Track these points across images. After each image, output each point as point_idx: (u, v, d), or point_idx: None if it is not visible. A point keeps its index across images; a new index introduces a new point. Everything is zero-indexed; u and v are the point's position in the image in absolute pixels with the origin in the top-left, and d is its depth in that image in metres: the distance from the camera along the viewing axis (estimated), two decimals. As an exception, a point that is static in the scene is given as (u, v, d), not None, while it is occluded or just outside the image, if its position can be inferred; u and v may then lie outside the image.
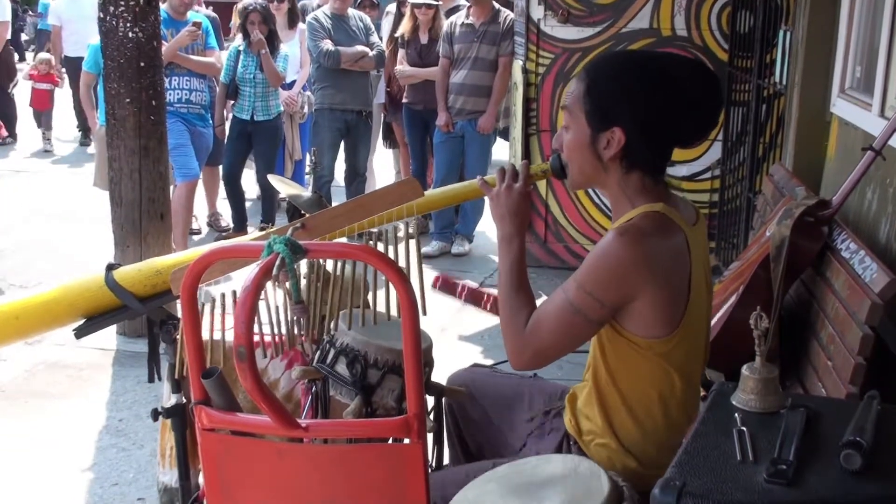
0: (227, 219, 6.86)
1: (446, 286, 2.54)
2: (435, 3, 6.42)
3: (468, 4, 6.15)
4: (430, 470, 1.94)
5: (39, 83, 10.29)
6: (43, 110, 10.29)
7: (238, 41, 6.40)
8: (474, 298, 2.54)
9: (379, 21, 7.28)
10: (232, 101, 6.45)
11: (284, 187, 3.00)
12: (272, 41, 6.25)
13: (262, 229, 2.64)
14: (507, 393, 2.35)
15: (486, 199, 2.13)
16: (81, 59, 6.72)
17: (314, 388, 2.32)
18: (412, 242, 2.32)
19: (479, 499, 1.83)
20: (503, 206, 2.04)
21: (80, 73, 6.53)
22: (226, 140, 6.50)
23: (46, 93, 10.35)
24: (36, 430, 3.78)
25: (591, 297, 1.85)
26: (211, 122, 6.28)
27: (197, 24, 5.95)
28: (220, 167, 6.75)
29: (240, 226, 6.55)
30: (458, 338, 4.77)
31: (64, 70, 10.36)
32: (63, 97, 10.65)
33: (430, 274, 5.70)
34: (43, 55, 10.61)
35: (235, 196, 6.61)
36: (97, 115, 5.99)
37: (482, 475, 1.92)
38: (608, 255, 1.84)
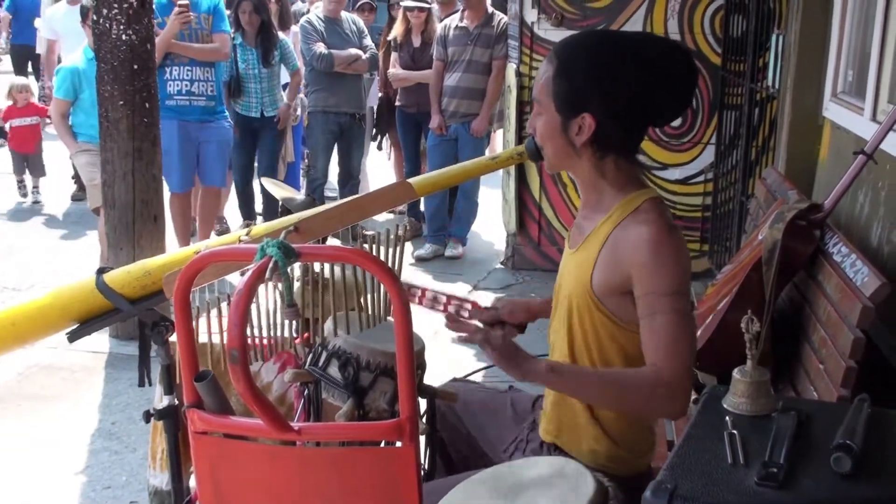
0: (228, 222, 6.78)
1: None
2: (427, 5, 6.43)
3: (462, 7, 6.16)
4: (422, 473, 1.94)
5: (20, 118, 7.60)
6: (29, 153, 7.65)
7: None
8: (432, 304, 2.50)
9: (376, 24, 7.26)
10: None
11: (277, 190, 3.00)
12: (268, 33, 6.05)
13: (245, 225, 2.63)
14: (486, 406, 2.34)
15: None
16: None
17: (307, 391, 2.31)
18: (404, 245, 2.32)
19: (467, 501, 1.83)
20: (510, 366, 1.88)
21: None
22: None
23: (31, 129, 7.65)
24: (28, 433, 3.77)
25: (686, 296, 1.86)
26: (226, 113, 5.89)
27: (183, 5, 5.38)
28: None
29: None
30: (450, 341, 4.75)
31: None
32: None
33: (424, 276, 5.74)
34: (19, 80, 8.02)
35: (249, 201, 6.43)
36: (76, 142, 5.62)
37: (469, 478, 1.93)
38: (674, 252, 1.85)
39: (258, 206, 6.67)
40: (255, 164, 6.52)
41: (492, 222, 6.58)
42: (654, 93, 1.89)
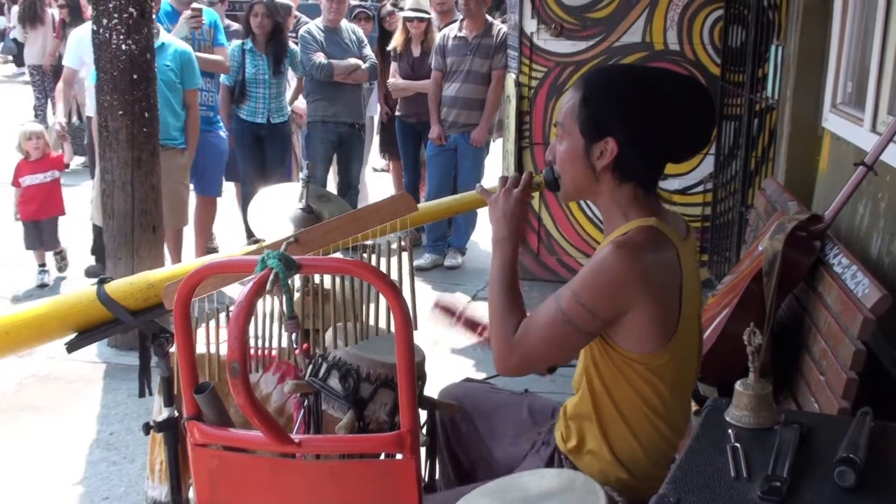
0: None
1: (445, 311, 2.57)
2: (427, 15, 6.44)
3: (461, 17, 6.17)
4: (422, 486, 1.93)
5: (32, 174, 5.70)
6: (43, 219, 5.77)
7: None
8: (470, 326, 2.57)
9: (373, 34, 7.25)
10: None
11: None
12: (280, 39, 6.01)
13: (253, 242, 2.63)
14: (500, 409, 2.35)
15: (481, 210, 2.14)
16: None
17: (306, 403, 2.31)
18: (405, 256, 2.32)
19: (473, 515, 1.83)
20: (499, 210, 2.07)
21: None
22: (237, 149, 6.10)
23: (48, 189, 5.76)
24: (26, 443, 3.76)
25: (585, 309, 1.85)
26: (221, 124, 5.93)
27: (196, 10, 5.52)
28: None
29: None
30: (450, 351, 4.76)
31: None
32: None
33: (423, 287, 5.73)
34: (31, 126, 5.92)
35: None
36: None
37: (476, 489, 1.92)
38: (605, 268, 1.85)
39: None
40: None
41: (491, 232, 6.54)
42: (673, 130, 1.92)
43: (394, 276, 2.27)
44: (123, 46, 4.35)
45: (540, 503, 1.79)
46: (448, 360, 4.59)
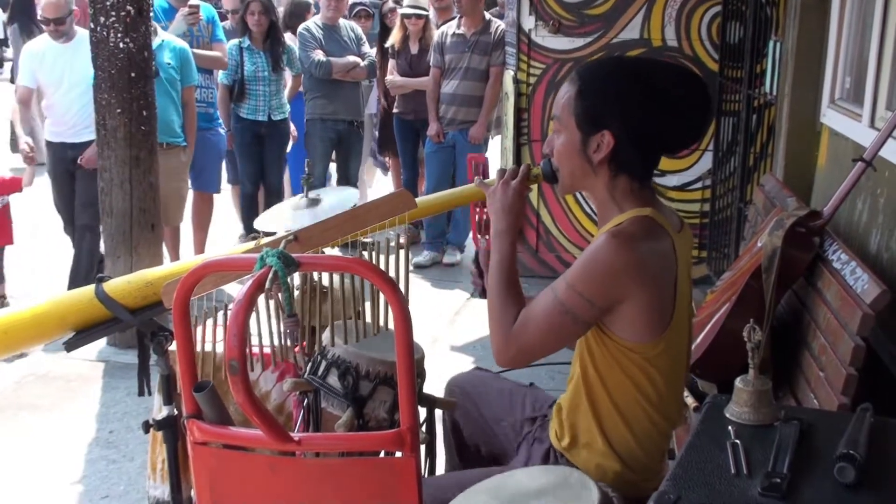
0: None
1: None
2: (424, 12, 6.43)
3: (460, 14, 6.16)
4: (422, 483, 1.93)
5: None
6: None
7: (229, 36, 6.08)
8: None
9: (373, 31, 7.22)
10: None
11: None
12: (276, 37, 6.00)
13: (252, 239, 2.63)
14: (504, 397, 2.38)
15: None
16: (69, 145, 5.13)
17: (306, 401, 2.31)
18: (402, 253, 2.31)
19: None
20: (498, 202, 2.06)
21: (64, 170, 5.20)
22: (236, 148, 6.10)
23: None
24: (25, 442, 3.76)
25: (582, 298, 1.86)
26: (220, 121, 5.92)
27: (194, 6, 5.55)
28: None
29: None
30: (449, 348, 4.77)
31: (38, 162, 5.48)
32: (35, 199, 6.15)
33: (422, 284, 5.73)
34: None
35: (253, 214, 6.07)
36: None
37: (471, 487, 1.92)
38: (600, 258, 1.86)
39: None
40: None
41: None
42: (669, 121, 1.93)
43: (392, 273, 2.27)
44: (121, 45, 4.34)
45: (534, 498, 1.79)
46: (447, 358, 4.59)
